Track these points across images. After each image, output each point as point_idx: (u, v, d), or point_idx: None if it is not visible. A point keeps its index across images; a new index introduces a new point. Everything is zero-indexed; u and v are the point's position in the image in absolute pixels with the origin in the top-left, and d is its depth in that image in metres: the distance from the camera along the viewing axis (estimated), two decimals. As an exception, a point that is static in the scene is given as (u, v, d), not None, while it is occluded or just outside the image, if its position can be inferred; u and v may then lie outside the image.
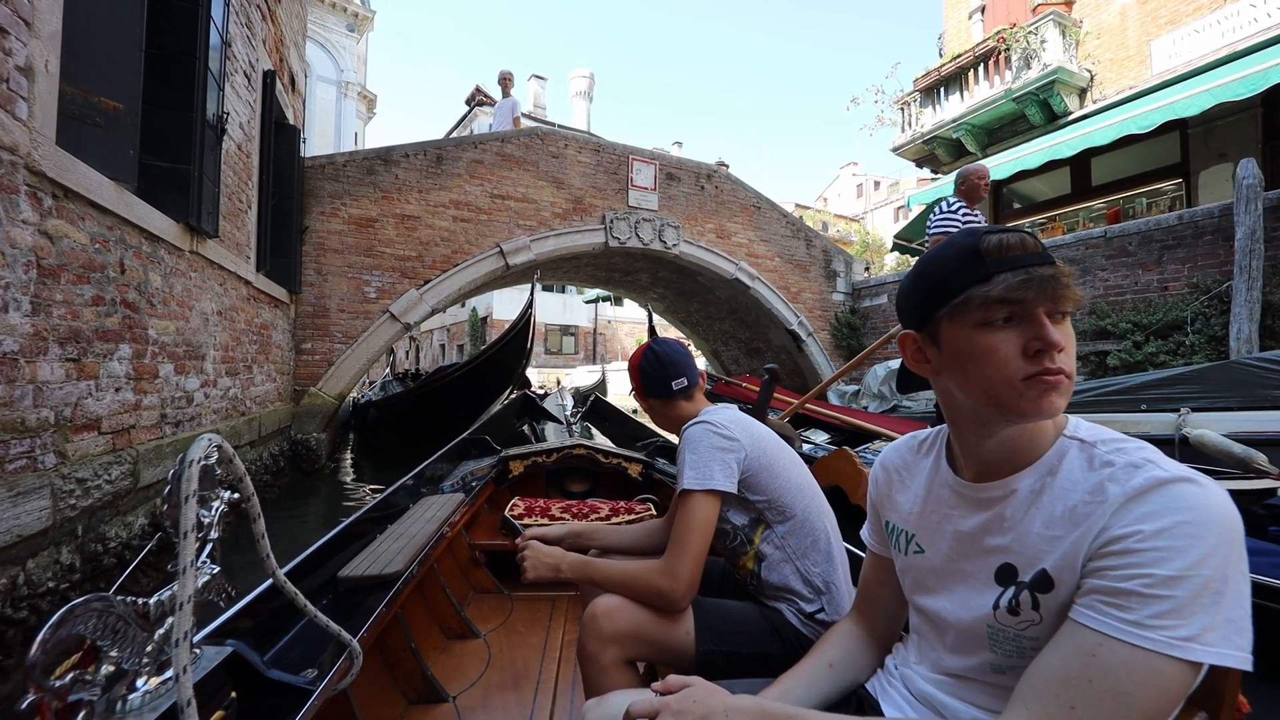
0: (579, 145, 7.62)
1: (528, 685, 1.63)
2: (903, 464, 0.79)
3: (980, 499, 0.65)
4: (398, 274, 6.46)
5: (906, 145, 11.44)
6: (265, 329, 4.82)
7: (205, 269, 3.44)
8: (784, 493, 1.11)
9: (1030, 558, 0.59)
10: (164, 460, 2.83)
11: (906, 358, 0.68)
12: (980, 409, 0.61)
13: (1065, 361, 0.57)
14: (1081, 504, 0.56)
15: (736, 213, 8.88)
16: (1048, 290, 0.56)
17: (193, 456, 0.63)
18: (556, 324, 25.84)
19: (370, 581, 1.38)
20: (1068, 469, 0.59)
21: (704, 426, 1.12)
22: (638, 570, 1.07)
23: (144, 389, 2.70)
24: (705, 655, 1.03)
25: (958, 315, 0.60)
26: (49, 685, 0.58)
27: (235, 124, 3.93)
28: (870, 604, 0.85)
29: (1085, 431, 0.61)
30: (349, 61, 19.82)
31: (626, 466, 2.65)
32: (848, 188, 40.78)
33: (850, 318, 9.75)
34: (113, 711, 0.65)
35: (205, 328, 3.45)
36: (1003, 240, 0.59)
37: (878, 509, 0.83)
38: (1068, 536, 0.56)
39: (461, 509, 2.11)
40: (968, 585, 0.65)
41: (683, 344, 1.27)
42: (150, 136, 2.95)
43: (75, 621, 0.60)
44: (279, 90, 5.12)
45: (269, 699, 0.89)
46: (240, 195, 4.09)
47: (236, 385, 4.07)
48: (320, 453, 5.85)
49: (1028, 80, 9.13)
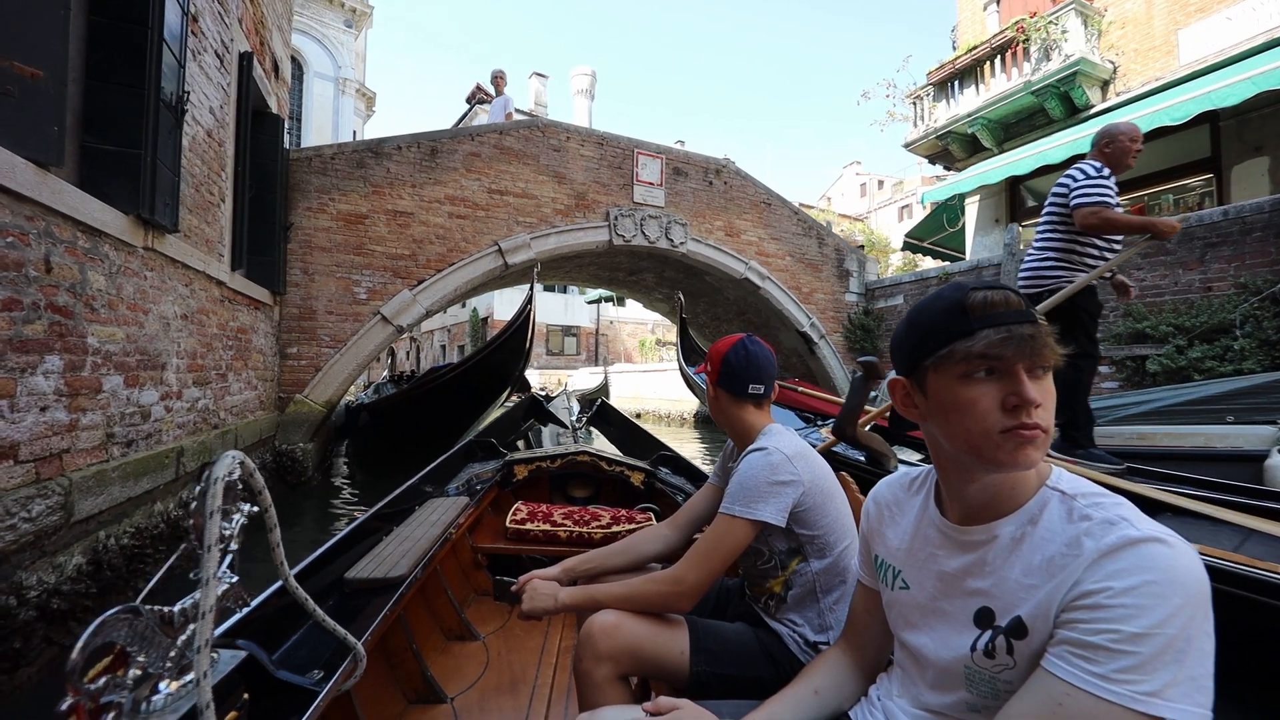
0: (581, 138, 7.25)
1: (524, 690, 1.65)
2: (894, 500, 0.81)
3: (964, 541, 0.67)
4: (389, 274, 6.09)
5: (919, 141, 11.08)
6: (243, 333, 4.45)
7: (165, 268, 3.06)
8: (830, 531, 1.10)
9: (1008, 603, 0.61)
10: (109, 487, 2.46)
11: (896, 402, 0.70)
12: (961, 456, 0.63)
13: (1042, 416, 0.59)
14: (1059, 555, 0.58)
15: (746, 210, 8.51)
16: (1027, 348, 0.59)
17: (218, 474, 0.66)
18: (558, 324, 25.56)
19: (376, 584, 1.40)
20: (1048, 519, 0.61)
21: (769, 456, 1.09)
22: (640, 582, 1.09)
23: (81, 406, 2.33)
24: (698, 675, 1.03)
25: (942, 366, 0.62)
26: (85, 688, 0.62)
27: (204, 108, 3.56)
28: (858, 634, 0.86)
29: (1067, 483, 0.63)
30: (347, 58, 19.51)
31: (629, 475, 2.65)
32: (851, 187, 40.39)
33: (864, 319, 9.37)
34: (138, 712, 0.69)
35: (166, 333, 3.08)
36: (987, 298, 0.62)
37: (869, 542, 0.84)
38: (1044, 586, 0.58)
39: (466, 512, 2.13)
40: (948, 624, 0.66)
41: (773, 352, 1.25)
42: (94, 116, 2.58)
43: (109, 630, 0.64)
44: (259, 75, 4.75)
45: (277, 699, 0.92)
46: (211, 187, 3.72)
47: (207, 396, 3.70)
48: (307, 464, 5.49)
49: (1048, 72, 8.77)
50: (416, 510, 2.04)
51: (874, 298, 9.61)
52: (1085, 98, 8.80)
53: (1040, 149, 7.92)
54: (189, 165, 3.32)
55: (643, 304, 12.05)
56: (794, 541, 1.10)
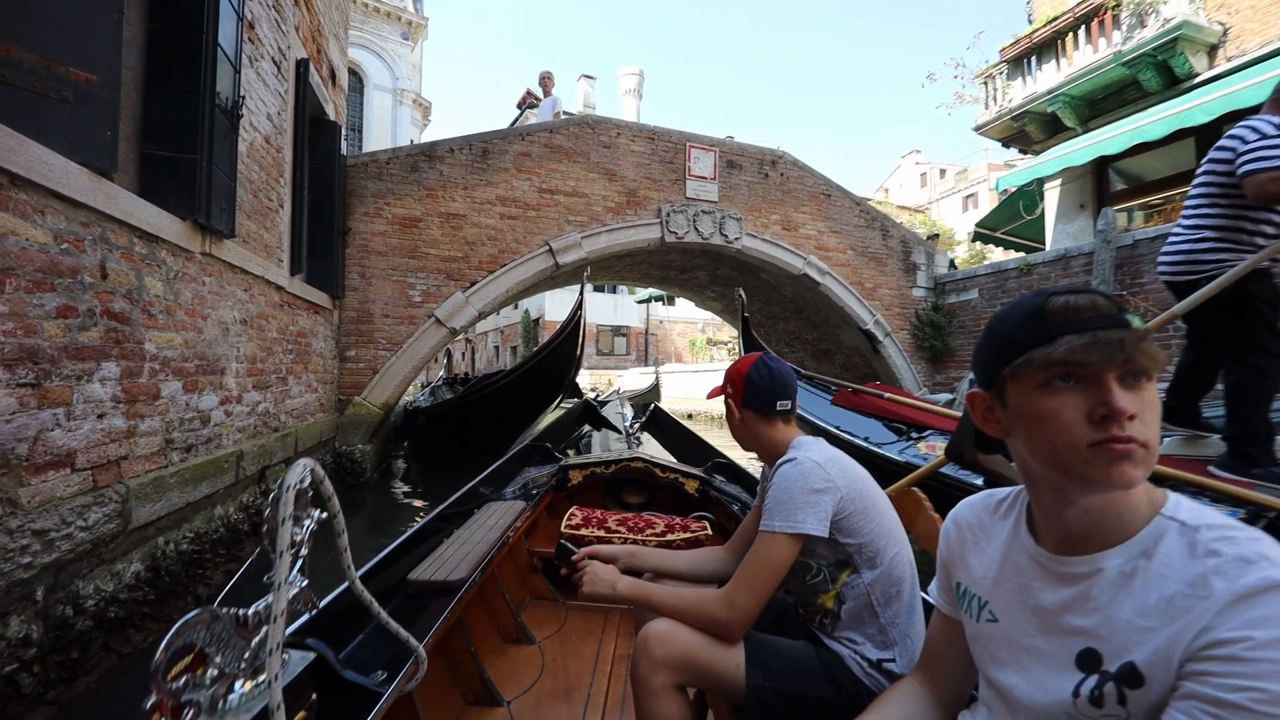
0: (632, 133, 7.08)
1: (579, 697, 1.63)
2: (978, 523, 0.74)
3: (1063, 573, 0.61)
4: (443, 276, 6.11)
5: (992, 123, 10.32)
6: (303, 337, 4.52)
7: (223, 273, 3.08)
8: (876, 537, 1.06)
9: (1117, 646, 0.54)
10: (168, 493, 2.45)
11: (976, 417, 0.66)
12: (1050, 475, 0.58)
13: (1138, 429, 0.53)
14: (1180, 595, 0.51)
15: (804, 201, 8.11)
16: (1115, 354, 0.53)
17: (290, 481, 0.69)
18: (608, 325, 25.62)
19: (437, 587, 1.43)
20: (1165, 553, 0.54)
21: (799, 466, 1.07)
22: (695, 597, 1.07)
23: (140, 412, 2.33)
24: (755, 690, 1.00)
25: (1020, 376, 0.58)
26: (169, 688, 0.65)
27: (262, 114, 3.60)
28: (936, 665, 0.80)
29: (1187, 513, 0.56)
30: (404, 69, 20.18)
31: (684, 482, 2.61)
32: (910, 177, 38.52)
33: (933, 315, 8.76)
34: (215, 711, 0.71)
35: (225, 338, 3.10)
36: (1069, 302, 0.57)
37: (948, 568, 0.77)
38: (1162, 630, 0.51)
39: (522, 516, 2.14)
40: (1044, 665, 0.60)
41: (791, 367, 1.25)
42: (151, 123, 2.60)
43: (190, 632, 0.68)
44: (316, 83, 4.83)
45: (343, 697, 0.94)
46: (269, 193, 3.76)
47: (268, 399, 3.74)
48: (365, 465, 5.56)
49: (1143, 40, 7.93)
50: (475, 513, 2.07)
51: (945, 292, 8.98)
52: (1188, 65, 7.92)
53: (1136, 124, 7.16)
54: (246, 171, 3.34)
55: (695, 303, 11.79)
56: (840, 553, 1.06)
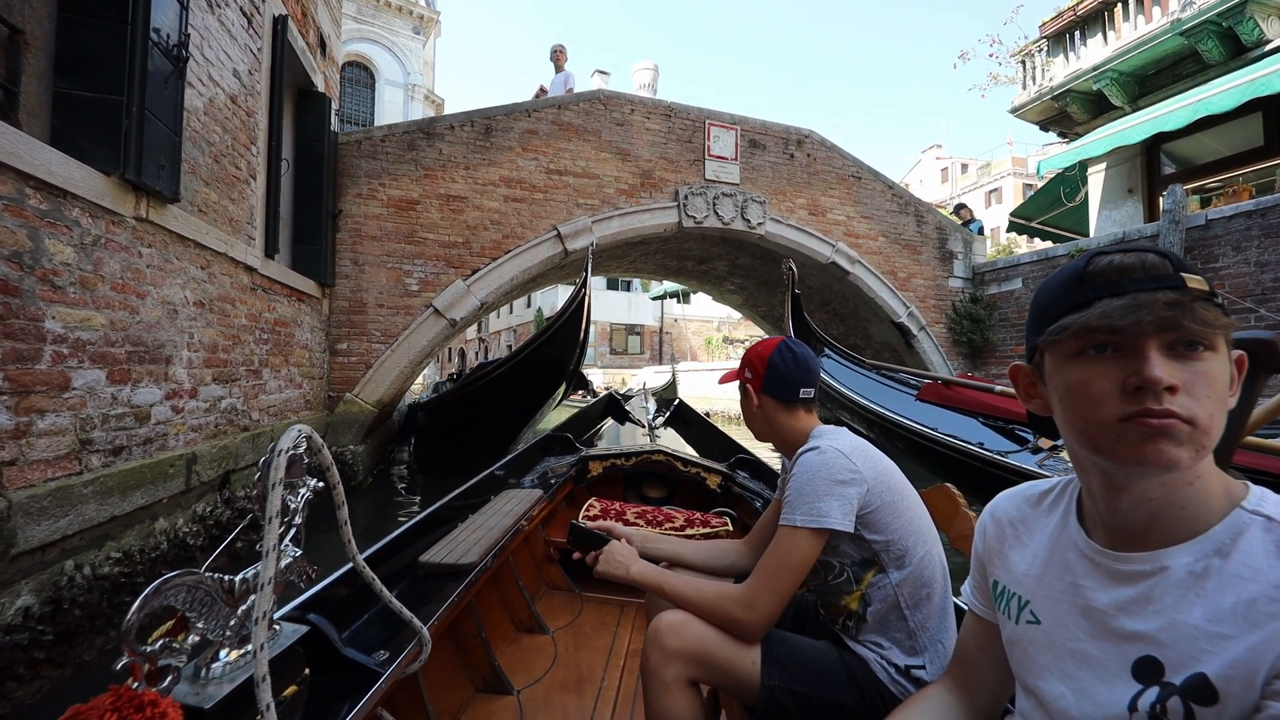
0: (647, 110, 6.56)
1: (590, 689, 1.62)
2: (1019, 517, 0.66)
3: (1120, 571, 0.53)
4: (442, 263, 5.65)
5: (1030, 104, 9.64)
6: (282, 326, 4.08)
7: (169, 245, 2.63)
8: (905, 534, 0.98)
9: (1183, 655, 0.47)
10: (80, 506, 2.00)
11: (1020, 394, 0.60)
12: (1087, 455, 0.51)
13: (1182, 403, 0.45)
14: (1264, 600, 0.44)
15: (832, 184, 7.53)
16: (1156, 317, 0.45)
17: (282, 446, 0.67)
18: (622, 323, 25.17)
19: (447, 570, 1.42)
20: (1245, 551, 0.46)
21: (823, 455, 0.99)
22: (713, 592, 1.02)
23: (36, 407, 1.87)
24: (770, 691, 0.94)
25: (1055, 346, 0.52)
26: (141, 650, 0.62)
27: (225, 69, 3.15)
28: (969, 672, 0.72)
29: (1274, 507, 0.48)
30: (415, 64, 19.91)
31: (705, 477, 2.55)
32: (931, 173, 37.54)
33: (971, 308, 8.12)
34: (197, 678, 0.70)
35: (172, 322, 2.64)
36: (1113, 262, 0.50)
37: (985, 565, 0.69)
38: (1241, 638, 0.44)
39: (540, 505, 2.14)
40: (1094, 673, 0.52)
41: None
42: (67, 57, 2.14)
43: (167, 594, 0.65)
44: (300, 48, 4.39)
45: (343, 675, 0.94)
46: (236, 160, 3.31)
47: (234, 394, 3.29)
48: (357, 468, 5.12)
49: (1205, 5, 7.23)
50: (492, 500, 2.06)
51: (984, 283, 8.33)
52: (1258, 32, 7.22)
53: (1201, 96, 6.48)
54: (203, 130, 2.89)
55: (713, 296, 11.24)
56: (866, 550, 0.99)
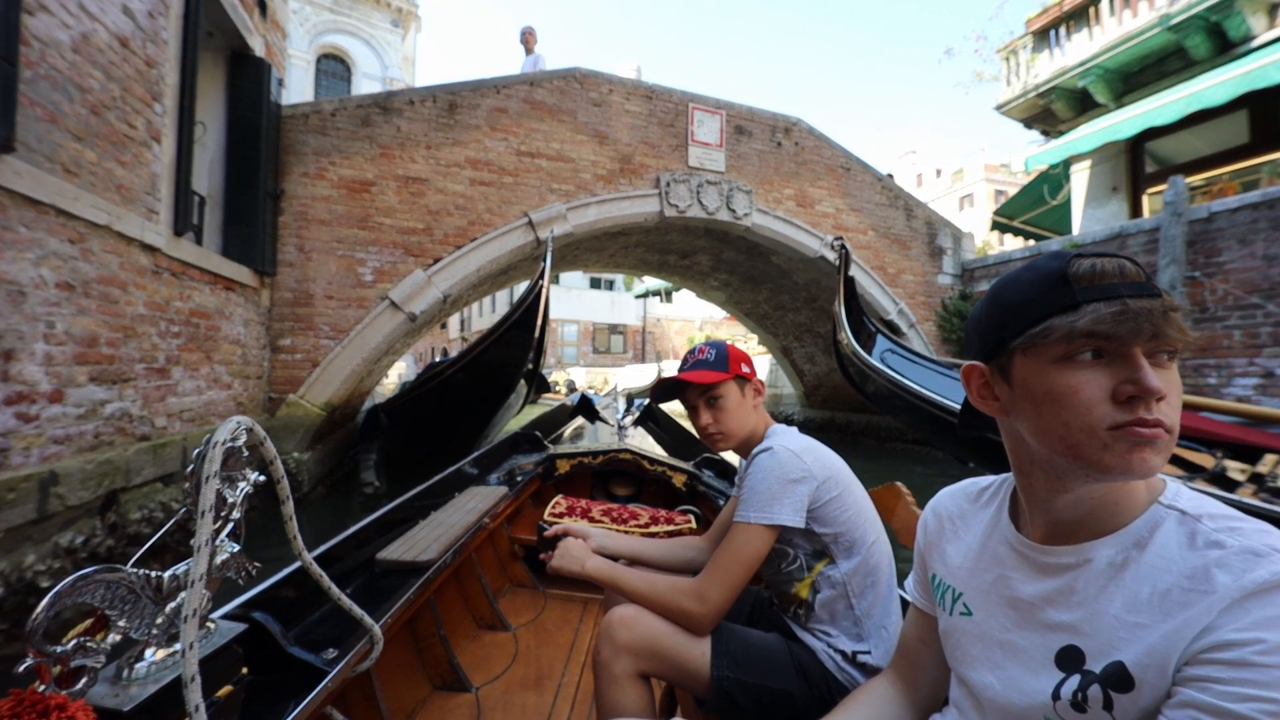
0: (626, 90, 6.11)
1: (549, 686, 1.61)
2: (958, 512, 0.69)
3: (1045, 563, 0.55)
4: (400, 251, 5.12)
5: (1014, 101, 9.44)
6: (202, 318, 3.53)
7: (9, 209, 2.10)
8: (853, 527, 1.03)
9: (1103, 644, 0.49)
10: None
11: (971, 393, 0.58)
12: (1055, 459, 0.51)
13: (1165, 412, 0.47)
14: (1177, 589, 0.46)
15: (821, 175, 7.15)
16: (1148, 326, 0.46)
17: (218, 438, 0.64)
18: (605, 322, 24.75)
19: (405, 566, 1.40)
20: (1161, 544, 0.49)
21: (775, 455, 1.04)
22: (666, 585, 1.04)
23: None
24: (720, 682, 0.96)
25: (1034, 347, 0.50)
26: (49, 650, 0.58)
27: (114, 4, 2.62)
28: (910, 665, 0.74)
29: (1187, 501, 0.50)
30: (393, 58, 19.32)
31: (671, 475, 2.58)
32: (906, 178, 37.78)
33: (961, 304, 7.84)
34: (118, 679, 0.66)
35: (16, 307, 2.12)
36: (1096, 266, 0.49)
37: (925, 559, 0.72)
38: (1155, 627, 0.46)
39: (505, 502, 2.15)
40: (1020, 663, 0.55)
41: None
42: None
43: (82, 591, 0.61)
44: (231, 4, 3.85)
45: (287, 674, 0.91)
46: (128, 116, 2.78)
47: (127, 397, 2.76)
48: (302, 476, 4.57)
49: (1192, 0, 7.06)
50: (456, 497, 2.04)
51: (973, 279, 8.05)
52: (1245, 27, 7.06)
53: (1193, 89, 6.26)
54: (72, 71, 2.37)
55: (696, 293, 10.82)
56: (817, 543, 1.04)
